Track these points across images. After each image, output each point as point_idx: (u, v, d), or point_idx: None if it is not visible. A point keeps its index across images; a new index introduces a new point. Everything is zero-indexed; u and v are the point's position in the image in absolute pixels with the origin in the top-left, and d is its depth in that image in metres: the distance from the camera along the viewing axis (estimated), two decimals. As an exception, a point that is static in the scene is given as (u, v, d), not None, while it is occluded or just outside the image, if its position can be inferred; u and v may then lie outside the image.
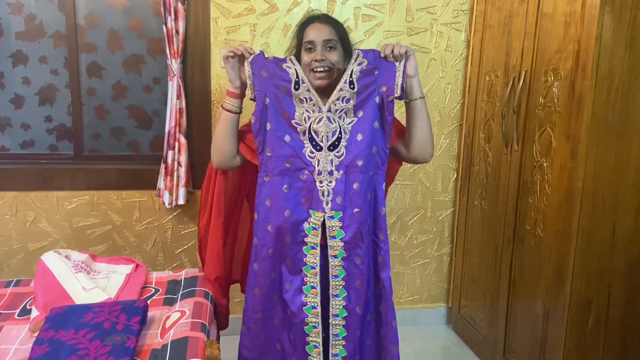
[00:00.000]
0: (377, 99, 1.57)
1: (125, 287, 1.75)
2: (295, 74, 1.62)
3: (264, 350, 1.70)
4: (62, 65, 2.63)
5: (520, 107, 2.31)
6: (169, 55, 2.50)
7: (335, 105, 1.59)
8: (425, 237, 3.00)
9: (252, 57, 1.64)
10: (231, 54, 1.66)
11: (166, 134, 2.57)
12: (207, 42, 2.60)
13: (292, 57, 1.65)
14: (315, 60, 1.61)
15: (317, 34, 1.64)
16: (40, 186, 2.60)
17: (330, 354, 1.63)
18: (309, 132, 1.61)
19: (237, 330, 2.80)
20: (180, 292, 1.73)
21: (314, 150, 1.61)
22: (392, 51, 1.56)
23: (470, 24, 2.81)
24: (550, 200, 2.12)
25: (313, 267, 1.61)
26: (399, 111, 1.89)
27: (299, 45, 1.70)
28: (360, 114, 1.58)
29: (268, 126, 1.63)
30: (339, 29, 1.70)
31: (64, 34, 2.59)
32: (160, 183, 2.62)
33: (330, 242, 1.60)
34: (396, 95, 1.57)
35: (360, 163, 1.58)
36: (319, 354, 1.62)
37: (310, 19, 1.72)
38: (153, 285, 1.83)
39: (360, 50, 1.61)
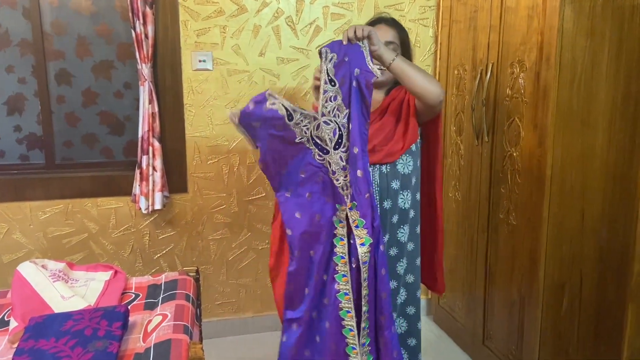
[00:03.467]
0: (354, 84, 1.58)
1: (104, 294, 1.74)
2: (283, 109, 1.63)
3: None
4: (30, 73, 2.59)
5: (488, 99, 2.36)
6: (139, 60, 2.49)
7: (326, 107, 1.62)
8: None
9: (237, 119, 1.63)
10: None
11: (140, 139, 2.55)
12: (177, 45, 2.59)
13: (270, 91, 1.65)
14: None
15: (381, 34, 1.71)
16: (12, 197, 2.56)
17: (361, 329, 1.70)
18: (312, 139, 1.66)
19: (220, 333, 2.82)
20: (161, 296, 1.73)
21: (322, 154, 1.66)
22: (355, 33, 1.58)
23: (437, 20, 2.86)
24: (521, 188, 2.18)
25: (342, 257, 1.66)
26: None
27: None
28: (350, 104, 1.61)
29: (279, 156, 1.68)
30: (402, 33, 1.85)
31: (30, 42, 2.55)
32: (136, 189, 2.60)
33: (355, 232, 1.62)
34: (377, 78, 1.59)
35: (356, 150, 1.60)
36: (355, 337, 1.68)
37: (378, 20, 1.88)
38: (133, 291, 1.82)
39: (325, 47, 1.62)
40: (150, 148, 2.55)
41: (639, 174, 2.06)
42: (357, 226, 1.62)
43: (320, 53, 1.62)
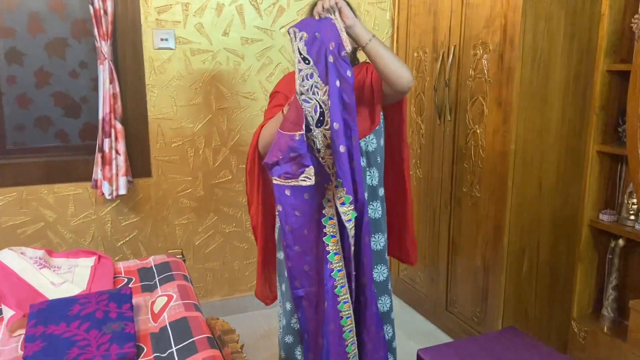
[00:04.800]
0: (331, 59, 1.54)
1: (94, 279, 1.68)
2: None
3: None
4: (-26, 51, 2.39)
5: (450, 80, 2.50)
6: (97, 38, 2.37)
7: (303, 86, 1.57)
8: (363, 208, 3.14)
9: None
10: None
11: (100, 121, 2.44)
12: (137, 22, 2.49)
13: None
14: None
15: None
16: (-42, 185, 2.36)
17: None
18: None
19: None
20: (157, 278, 1.69)
21: (304, 133, 1.61)
22: (323, 7, 1.55)
23: (394, 3, 2.96)
24: (485, 162, 2.34)
25: (333, 236, 1.65)
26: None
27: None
28: (328, 80, 1.57)
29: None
30: (349, 5, 1.70)
31: (-27, 16, 2.35)
32: (97, 174, 2.48)
33: (341, 209, 1.62)
34: (348, 51, 1.55)
35: (336, 127, 1.57)
36: (349, 308, 1.70)
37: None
38: (123, 275, 1.77)
39: (293, 27, 1.58)
40: (113, 130, 2.45)
41: (587, 146, 2.28)
42: (342, 203, 1.62)
43: (289, 33, 1.58)
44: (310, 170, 1.60)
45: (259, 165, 1.82)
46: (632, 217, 2.14)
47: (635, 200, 2.12)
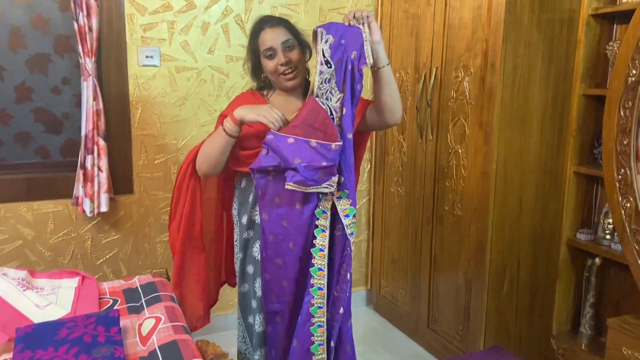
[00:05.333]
0: (350, 67, 1.54)
1: (79, 301, 1.65)
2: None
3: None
4: (-47, 66, 2.34)
5: (433, 100, 2.55)
6: (81, 54, 2.35)
7: (320, 89, 1.55)
8: (346, 225, 3.16)
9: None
10: (275, 124, 1.57)
11: (83, 138, 2.41)
12: (122, 40, 2.48)
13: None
14: (282, 65, 1.64)
15: (273, 38, 1.65)
16: None
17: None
18: None
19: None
20: (144, 299, 1.67)
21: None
22: (354, 16, 1.55)
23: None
24: (467, 182, 2.39)
25: (322, 250, 1.61)
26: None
27: (257, 53, 1.70)
28: (343, 87, 1.55)
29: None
30: (289, 26, 1.72)
31: (-48, 30, 2.31)
32: (78, 191, 2.45)
33: (345, 221, 1.58)
34: (369, 64, 1.55)
35: (350, 136, 1.57)
36: (323, 333, 1.64)
37: (260, 26, 1.71)
38: (108, 296, 1.74)
39: (321, 27, 1.54)
40: (95, 147, 2.42)
41: (564, 167, 2.36)
42: (346, 215, 1.58)
43: (315, 33, 1.54)
44: (335, 179, 1.55)
45: (189, 180, 1.79)
46: (608, 237, 2.21)
47: (610, 220, 2.19)
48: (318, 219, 1.62)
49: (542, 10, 2.17)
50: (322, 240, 1.63)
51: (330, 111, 1.56)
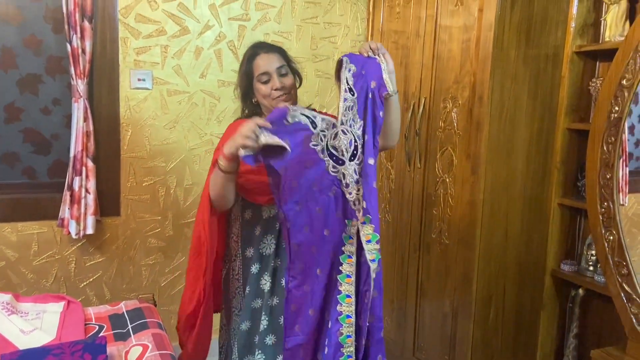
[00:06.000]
0: (370, 95, 1.61)
1: (64, 326, 1.62)
2: (305, 118, 1.58)
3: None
4: (-58, 84, 2.32)
5: (421, 129, 2.59)
6: (74, 76, 2.36)
7: (345, 116, 1.60)
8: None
9: (261, 136, 1.48)
10: (249, 143, 1.47)
11: (71, 159, 2.40)
12: (115, 62, 2.50)
13: (288, 105, 1.60)
14: (276, 89, 1.68)
15: (268, 63, 1.70)
16: None
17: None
18: (327, 149, 1.60)
19: None
20: (130, 326, 1.65)
21: (336, 165, 1.61)
22: (370, 47, 1.63)
23: (366, 54, 3.07)
24: (454, 211, 2.42)
25: (349, 276, 1.60)
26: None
27: (250, 77, 1.73)
28: (365, 115, 1.61)
29: (290, 167, 1.56)
30: (283, 53, 1.77)
31: (-55, 49, 2.30)
32: (65, 212, 2.43)
33: (367, 247, 1.58)
34: (389, 93, 1.61)
35: (372, 162, 1.60)
36: None
37: (255, 50, 1.75)
38: (94, 322, 1.71)
39: (346, 56, 1.62)
40: (84, 169, 2.41)
41: (549, 199, 2.41)
42: (369, 241, 1.58)
43: (340, 62, 1.62)
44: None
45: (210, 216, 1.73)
46: (591, 268, 2.25)
47: (594, 252, 2.23)
48: (344, 245, 1.63)
49: (528, 46, 2.24)
50: (348, 266, 1.62)
51: (355, 138, 1.61)
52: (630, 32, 1.84)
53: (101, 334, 1.64)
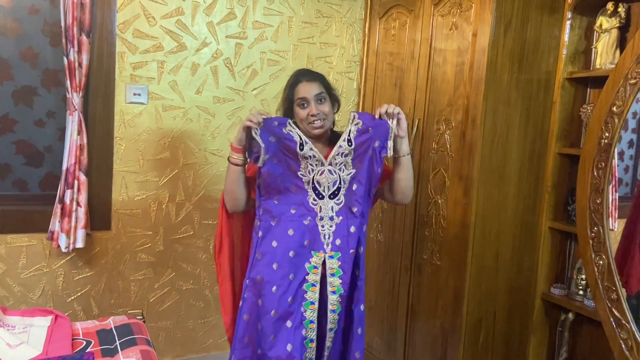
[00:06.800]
0: (370, 152, 1.77)
1: (51, 341, 1.60)
2: (298, 137, 1.77)
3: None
4: None
5: (414, 150, 2.61)
6: (69, 89, 2.36)
7: (335, 159, 1.78)
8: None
9: (259, 129, 1.72)
10: (253, 124, 1.71)
11: (63, 172, 2.39)
12: (111, 76, 2.50)
13: (291, 121, 1.79)
14: (312, 115, 1.79)
15: (308, 90, 1.81)
16: None
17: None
18: (312, 183, 1.79)
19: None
20: (118, 342, 1.63)
21: (316, 199, 1.79)
22: (386, 111, 1.77)
23: (360, 74, 3.11)
24: (445, 232, 2.43)
25: (312, 303, 1.72)
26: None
27: (291, 101, 1.85)
28: (358, 166, 1.78)
29: (278, 180, 1.77)
30: (324, 82, 1.89)
31: (-61, 59, 2.30)
32: (55, 225, 2.40)
33: (330, 280, 1.73)
34: (388, 156, 1.78)
35: (355, 210, 1.78)
36: None
37: (297, 78, 1.87)
38: (82, 337, 1.69)
39: (356, 112, 1.82)
40: (76, 182, 2.40)
41: (539, 222, 2.42)
42: (333, 274, 1.74)
43: (350, 115, 1.82)
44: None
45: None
46: (581, 292, 2.26)
47: (584, 276, 2.24)
48: (308, 273, 1.77)
49: (521, 72, 2.28)
50: (312, 294, 1.75)
51: (340, 180, 1.79)
52: (620, 60, 1.88)
53: (89, 350, 1.61)
